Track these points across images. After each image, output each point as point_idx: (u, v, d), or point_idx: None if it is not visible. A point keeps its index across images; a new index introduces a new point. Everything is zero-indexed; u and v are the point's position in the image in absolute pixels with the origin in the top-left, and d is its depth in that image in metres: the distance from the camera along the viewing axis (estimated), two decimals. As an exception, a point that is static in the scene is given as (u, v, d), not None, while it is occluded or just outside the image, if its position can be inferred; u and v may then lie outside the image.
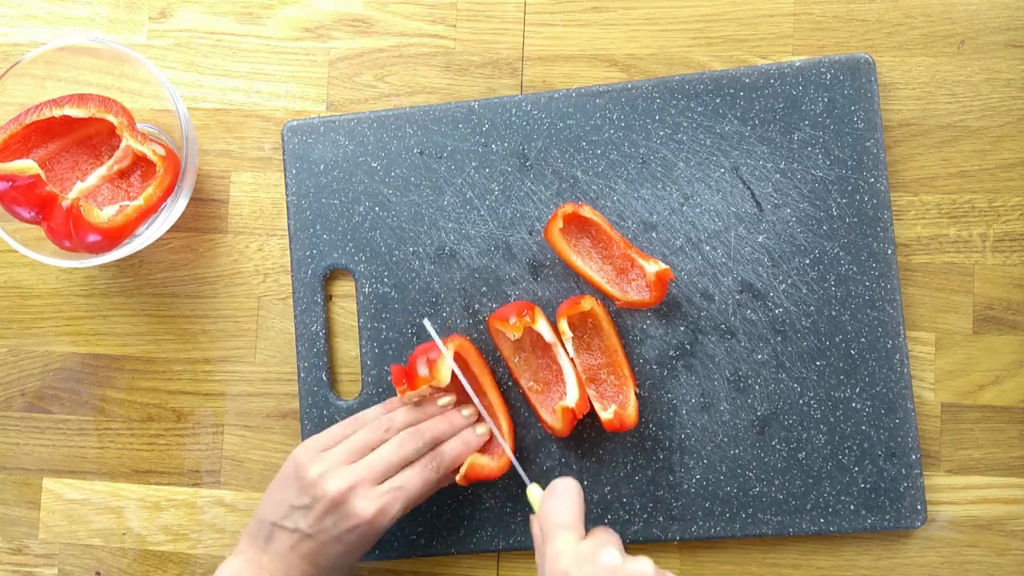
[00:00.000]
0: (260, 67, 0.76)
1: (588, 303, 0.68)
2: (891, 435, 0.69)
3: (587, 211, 0.69)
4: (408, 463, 0.66)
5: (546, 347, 0.69)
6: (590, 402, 0.68)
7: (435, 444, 0.67)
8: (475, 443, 0.68)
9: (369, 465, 0.64)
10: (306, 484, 0.64)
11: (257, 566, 0.64)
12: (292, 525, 0.64)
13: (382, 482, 0.64)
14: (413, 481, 0.65)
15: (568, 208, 0.69)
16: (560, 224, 0.69)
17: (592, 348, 0.70)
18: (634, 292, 0.69)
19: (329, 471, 0.64)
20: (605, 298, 0.71)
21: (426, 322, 0.68)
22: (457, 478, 0.67)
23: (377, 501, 0.63)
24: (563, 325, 0.68)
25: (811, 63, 0.71)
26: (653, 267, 0.68)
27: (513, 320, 0.67)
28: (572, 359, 0.68)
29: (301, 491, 0.64)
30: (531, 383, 0.70)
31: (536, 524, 0.62)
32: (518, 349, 0.70)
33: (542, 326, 0.68)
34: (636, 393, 0.69)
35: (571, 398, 0.67)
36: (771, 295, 0.70)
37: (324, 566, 0.64)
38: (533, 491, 0.64)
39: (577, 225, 0.70)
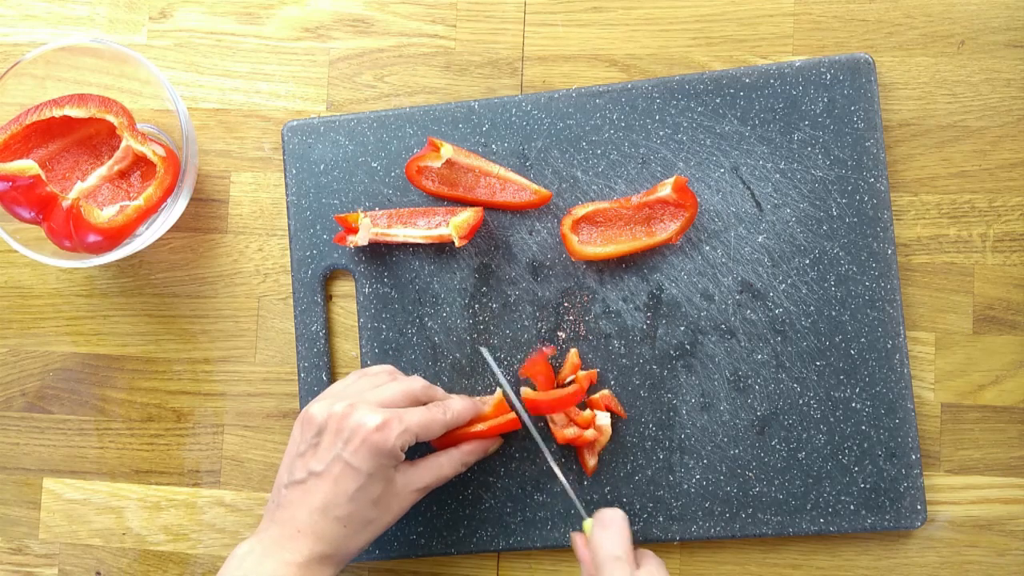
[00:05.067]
0: (260, 67, 0.76)
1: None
2: (891, 435, 0.69)
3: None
4: (414, 404, 0.64)
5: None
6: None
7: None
8: (487, 408, 0.68)
9: (370, 396, 0.63)
10: (309, 425, 0.62)
11: (269, 542, 0.61)
12: (302, 473, 0.61)
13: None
14: (415, 412, 0.63)
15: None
16: (569, 227, 0.69)
17: None
18: (668, 221, 0.69)
19: (330, 404, 0.62)
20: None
21: (484, 350, 0.70)
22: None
23: (379, 415, 0.61)
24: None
25: (811, 63, 0.71)
26: (665, 188, 0.68)
27: None
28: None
29: (305, 433, 0.62)
30: None
31: (582, 548, 0.64)
32: None
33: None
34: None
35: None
36: (771, 295, 0.70)
37: (339, 516, 0.61)
38: (588, 524, 0.65)
39: (574, 225, 0.70)
